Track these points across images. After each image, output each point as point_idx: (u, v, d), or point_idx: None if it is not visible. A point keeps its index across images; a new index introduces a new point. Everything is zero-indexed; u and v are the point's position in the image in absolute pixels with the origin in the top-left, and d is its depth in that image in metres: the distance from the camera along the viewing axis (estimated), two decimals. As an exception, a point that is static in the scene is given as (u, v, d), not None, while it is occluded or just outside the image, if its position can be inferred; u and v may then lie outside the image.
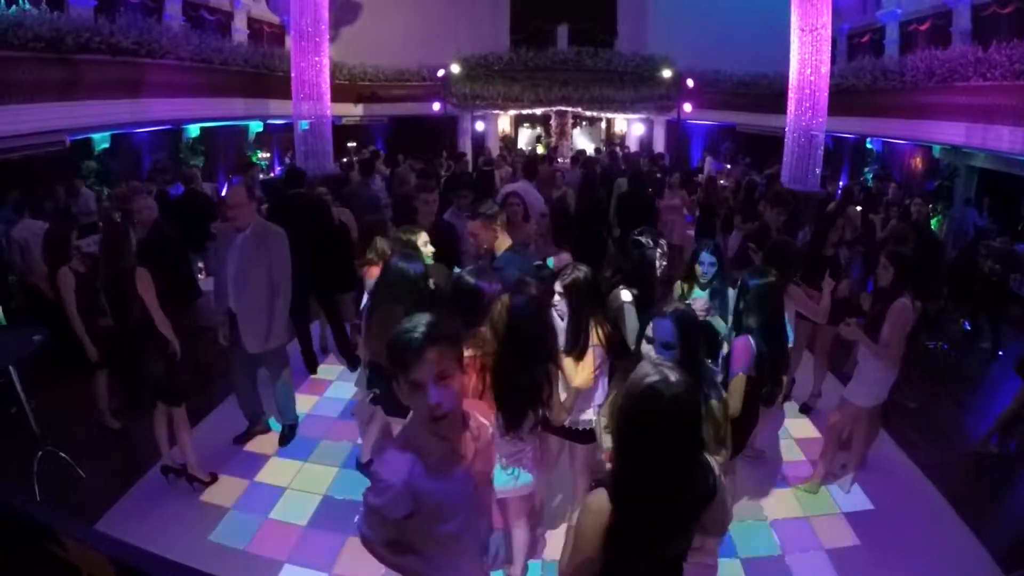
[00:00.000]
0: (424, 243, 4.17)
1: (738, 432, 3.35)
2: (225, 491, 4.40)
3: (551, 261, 4.57)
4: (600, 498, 1.90)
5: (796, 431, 5.24)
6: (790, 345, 4.43)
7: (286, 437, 5.02)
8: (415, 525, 1.97)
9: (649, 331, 2.66)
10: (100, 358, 4.80)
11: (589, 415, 3.35)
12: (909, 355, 4.39)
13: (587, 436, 3.39)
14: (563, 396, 3.15)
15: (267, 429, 5.10)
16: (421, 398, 1.80)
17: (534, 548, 3.64)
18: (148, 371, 4.18)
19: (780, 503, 4.32)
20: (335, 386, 5.96)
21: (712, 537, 2.16)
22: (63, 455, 4.40)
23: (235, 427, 5.04)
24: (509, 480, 3.00)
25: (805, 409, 5.53)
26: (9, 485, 1.82)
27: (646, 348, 2.66)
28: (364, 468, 4.38)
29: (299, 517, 4.16)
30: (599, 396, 3.35)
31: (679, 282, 4.41)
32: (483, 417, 2.18)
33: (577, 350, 3.22)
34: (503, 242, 4.44)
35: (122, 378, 4.99)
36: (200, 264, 8.08)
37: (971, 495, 4.39)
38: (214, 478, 4.48)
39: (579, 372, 3.20)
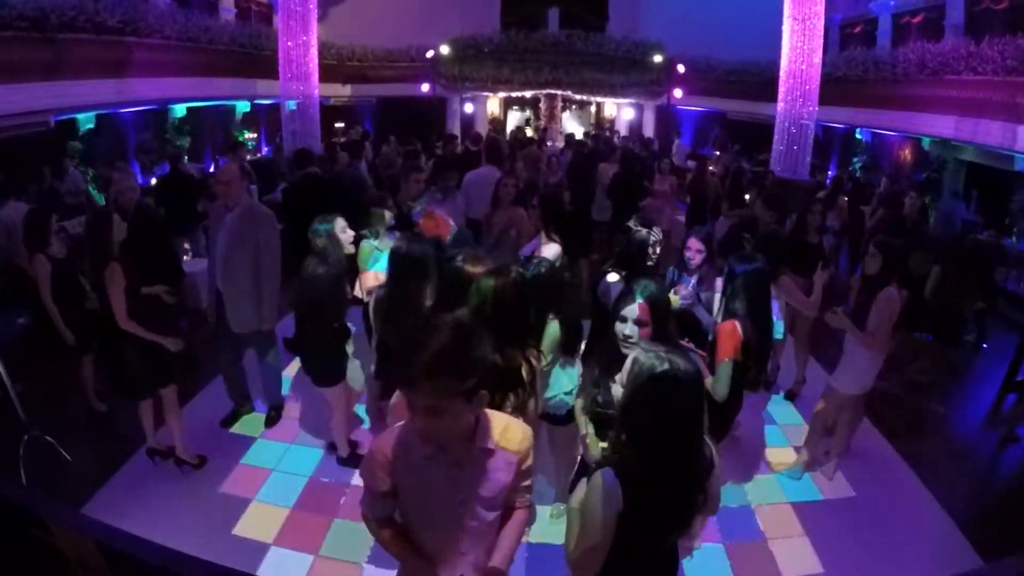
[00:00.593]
0: (342, 229, 4.13)
1: (722, 418, 3.38)
2: (211, 474, 4.40)
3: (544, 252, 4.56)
4: (608, 482, 1.93)
5: (780, 417, 5.30)
6: (781, 336, 4.47)
7: (272, 419, 5.01)
8: (401, 508, 2.00)
9: (623, 311, 2.69)
10: (81, 342, 4.77)
11: (565, 399, 3.39)
12: (903, 345, 4.41)
13: (564, 419, 3.43)
14: None
15: (252, 411, 5.09)
16: (412, 413, 1.74)
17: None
18: (125, 361, 4.13)
19: (764, 489, 4.38)
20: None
21: (703, 515, 2.21)
22: (49, 439, 4.37)
23: (221, 409, 5.03)
24: None
25: (790, 396, 5.59)
26: None
27: (619, 327, 2.69)
28: (347, 462, 4.45)
29: (285, 500, 4.17)
30: (568, 383, 3.39)
31: (672, 268, 4.43)
32: (517, 441, 1.99)
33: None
34: (444, 228, 4.42)
35: (103, 363, 4.94)
36: (186, 245, 8.01)
37: (952, 484, 4.47)
38: (203, 461, 4.47)
39: None
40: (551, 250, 4.65)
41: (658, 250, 3.94)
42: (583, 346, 3.58)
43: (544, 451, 3.71)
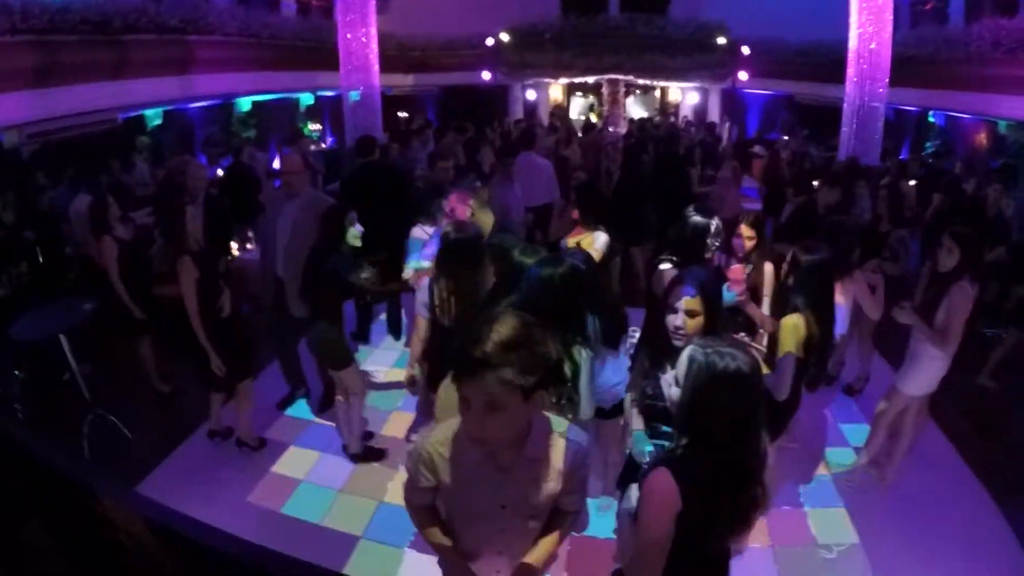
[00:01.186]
0: (350, 222, 4.12)
1: (779, 416, 3.22)
2: (264, 455, 4.54)
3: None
4: (665, 482, 1.88)
5: (841, 416, 5.06)
6: (844, 331, 4.23)
7: (325, 403, 5.10)
8: (442, 501, 2.01)
9: (674, 301, 2.57)
10: (146, 322, 4.98)
11: (613, 391, 3.32)
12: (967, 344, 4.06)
13: (613, 411, 3.37)
14: None
15: (308, 394, 5.22)
16: (466, 412, 1.67)
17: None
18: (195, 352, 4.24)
19: (818, 491, 4.19)
20: (379, 353, 6.06)
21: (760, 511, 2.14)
22: (111, 418, 4.61)
23: (277, 391, 5.19)
24: None
25: (849, 391, 5.35)
26: (54, 444, 1.95)
27: (670, 318, 2.57)
28: (361, 458, 4.47)
29: (334, 482, 4.26)
30: (614, 376, 3.31)
31: (720, 253, 4.27)
32: (572, 453, 1.92)
33: None
34: (484, 219, 4.31)
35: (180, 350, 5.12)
36: (250, 233, 8.28)
37: (1019, 495, 4.12)
38: (262, 443, 4.62)
39: None
40: (599, 239, 4.57)
41: (719, 241, 3.75)
42: (635, 336, 3.48)
43: (591, 444, 3.65)
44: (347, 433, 4.46)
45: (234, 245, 7.84)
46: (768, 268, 4.08)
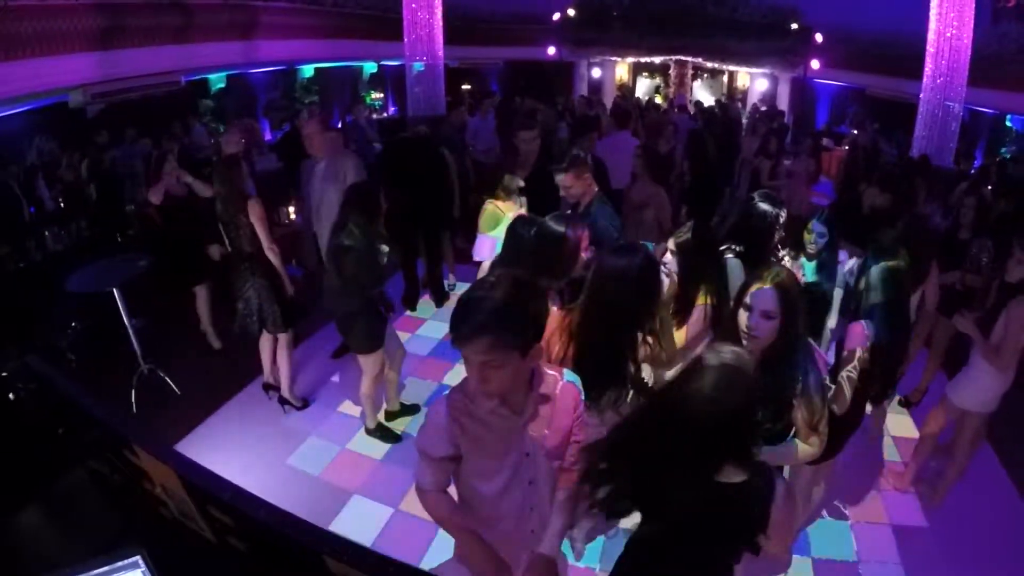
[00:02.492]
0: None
1: (839, 431, 2.94)
2: (308, 417, 4.60)
3: None
4: None
5: (895, 428, 4.79)
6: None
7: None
8: (458, 473, 1.97)
9: (748, 298, 2.33)
10: (197, 274, 5.17)
11: None
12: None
13: None
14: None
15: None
16: (469, 368, 1.72)
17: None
18: (253, 298, 4.30)
19: (865, 506, 3.98)
20: (428, 325, 6.04)
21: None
22: (160, 373, 4.72)
23: (326, 357, 5.28)
24: None
25: (905, 403, 5.07)
26: (99, 396, 2.00)
27: (742, 316, 2.33)
28: (375, 433, 4.44)
29: (375, 451, 4.28)
30: None
31: (786, 249, 4.07)
32: (575, 386, 1.98)
33: (679, 315, 2.96)
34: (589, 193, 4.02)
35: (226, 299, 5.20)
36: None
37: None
38: (305, 404, 4.69)
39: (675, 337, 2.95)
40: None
41: (782, 232, 3.53)
42: None
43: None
44: (364, 407, 4.41)
45: (291, 209, 7.92)
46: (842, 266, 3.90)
